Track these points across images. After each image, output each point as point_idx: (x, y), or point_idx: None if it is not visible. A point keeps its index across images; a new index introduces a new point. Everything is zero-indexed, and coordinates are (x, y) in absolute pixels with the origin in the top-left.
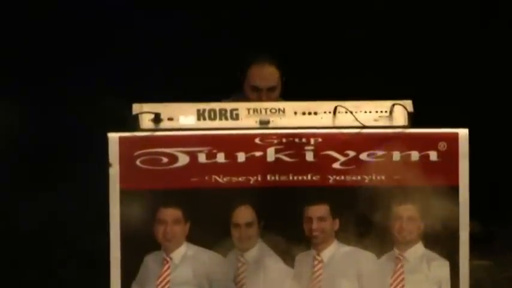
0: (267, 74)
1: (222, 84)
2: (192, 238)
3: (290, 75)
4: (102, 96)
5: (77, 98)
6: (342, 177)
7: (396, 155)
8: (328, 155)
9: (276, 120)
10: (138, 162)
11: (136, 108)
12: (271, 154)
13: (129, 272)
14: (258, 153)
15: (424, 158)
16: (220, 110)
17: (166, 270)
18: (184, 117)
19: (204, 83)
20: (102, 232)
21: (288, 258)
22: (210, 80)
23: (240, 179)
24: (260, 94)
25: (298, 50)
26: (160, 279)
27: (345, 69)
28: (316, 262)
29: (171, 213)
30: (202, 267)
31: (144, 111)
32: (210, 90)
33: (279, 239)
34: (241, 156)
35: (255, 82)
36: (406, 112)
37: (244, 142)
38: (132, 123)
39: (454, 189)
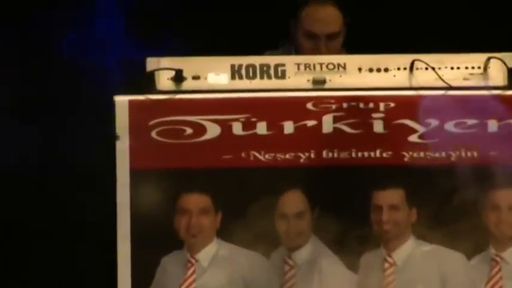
0: (327, 16)
1: (266, 32)
2: (225, 233)
3: (355, 19)
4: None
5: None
6: (421, 154)
7: (493, 125)
8: (403, 125)
9: (335, 79)
10: (154, 134)
11: (151, 63)
12: (328, 123)
13: (142, 277)
14: (310, 123)
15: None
16: (261, 66)
17: (190, 276)
18: (214, 75)
19: (241, 30)
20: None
21: (351, 260)
22: (249, 26)
23: (287, 156)
24: (317, 43)
25: None
26: (183, 287)
27: (424, 12)
28: (387, 265)
29: (197, 201)
30: (238, 272)
31: (162, 68)
32: (249, 39)
33: (338, 235)
34: (288, 127)
35: (310, 27)
36: (505, 68)
37: (293, 108)
38: (147, 84)
39: None
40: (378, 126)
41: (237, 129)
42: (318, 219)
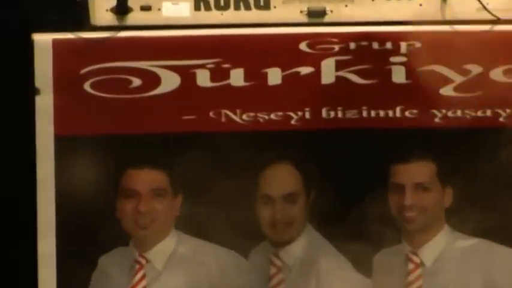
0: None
1: None
2: (187, 224)
3: None
4: None
5: None
6: (459, 113)
7: None
8: (434, 73)
9: (339, 10)
10: (87, 87)
11: None
12: (329, 71)
13: (72, 284)
14: (305, 70)
15: None
16: None
17: (139, 282)
18: (171, 4)
19: None
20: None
21: (361, 260)
22: None
23: (272, 116)
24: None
25: None
26: None
27: None
28: (411, 266)
29: (147, 179)
30: (204, 276)
31: None
32: None
33: (343, 225)
34: (274, 76)
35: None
36: None
37: (281, 50)
38: (78, 17)
39: None
40: (399, 75)
41: (203, 79)
42: (316, 203)
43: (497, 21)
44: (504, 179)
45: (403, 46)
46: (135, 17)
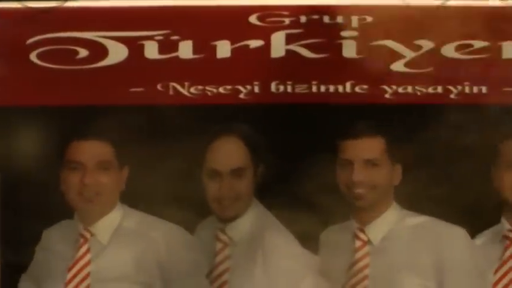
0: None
1: None
2: (133, 197)
3: None
4: None
5: None
6: (409, 89)
7: (509, 49)
8: (384, 48)
9: None
10: (33, 58)
11: None
12: (279, 44)
13: (15, 258)
14: (254, 43)
15: None
16: None
17: (83, 256)
18: None
19: None
20: None
21: (308, 236)
22: None
23: (220, 89)
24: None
25: None
26: (73, 271)
27: None
28: (359, 243)
29: (93, 151)
30: (150, 251)
31: None
32: None
33: (290, 200)
34: (223, 49)
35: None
36: None
37: (230, 22)
38: None
39: None
40: (349, 49)
41: (151, 51)
42: (264, 178)
43: None
44: (454, 157)
45: (355, 20)
46: None
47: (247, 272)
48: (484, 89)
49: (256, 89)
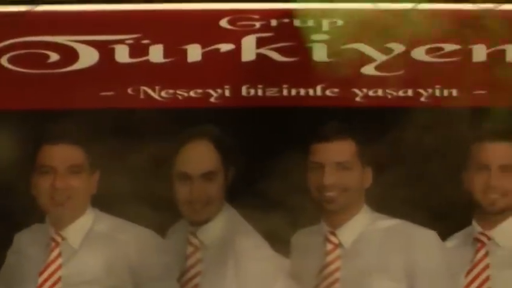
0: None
1: None
2: (104, 201)
3: None
4: None
5: None
6: (380, 92)
7: (479, 52)
8: (355, 51)
9: None
10: (4, 62)
11: None
12: (249, 48)
13: None
14: (225, 47)
15: None
16: None
17: (55, 260)
18: None
19: None
20: None
21: (279, 240)
22: None
23: (191, 93)
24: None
25: None
26: (44, 275)
27: None
28: (330, 247)
29: (64, 155)
30: (121, 255)
31: None
32: None
33: (261, 204)
34: (194, 52)
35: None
36: None
37: (201, 26)
38: None
39: None
40: (320, 53)
41: (122, 55)
42: (235, 182)
43: None
44: (425, 159)
45: (325, 24)
46: None
47: (219, 276)
48: (454, 92)
49: (227, 93)
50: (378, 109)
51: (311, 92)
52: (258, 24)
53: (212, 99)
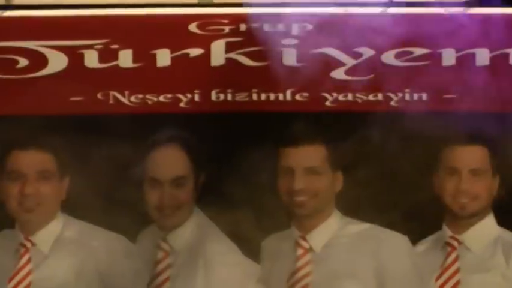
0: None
1: None
2: (74, 207)
3: None
4: None
5: None
6: (349, 96)
7: (449, 56)
8: (324, 56)
9: None
10: None
11: None
12: (219, 53)
13: None
14: (194, 52)
15: (500, 61)
16: None
17: (25, 266)
18: None
19: None
20: None
21: (249, 245)
22: None
23: (161, 98)
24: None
25: None
26: (14, 281)
27: None
28: (300, 251)
29: (33, 161)
30: (90, 260)
31: None
32: None
33: (231, 209)
34: (163, 57)
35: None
36: None
37: (170, 31)
38: None
39: None
40: (290, 57)
41: (91, 60)
42: (205, 187)
43: (390, 3)
44: (395, 164)
45: (295, 28)
46: None
47: (189, 281)
48: (424, 96)
49: (197, 98)
50: (348, 113)
51: (281, 96)
52: (227, 29)
53: (182, 104)
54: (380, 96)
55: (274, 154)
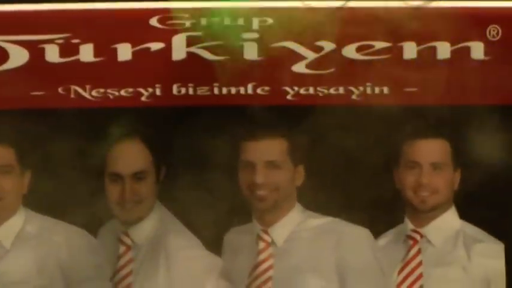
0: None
1: None
2: (35, 201)
3: None
4: None
5: None
6: (310, 90)
7: (410, 49)
8: (285, 50)
9: None
10: None
11: None
12: (180, 47)
13: None
14: (155, 46)
15: (461, 55)
16: None
17: None
18: None
19: None
20: None
21: (211, 238)
22: None
23: (122, 92)
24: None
25: None
26: None
27: None
28: (262, 245)
29: None
30: (52, 255)
31: None
32: None
33: (193, 203)
34: (124, 51)
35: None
36: None
37: (131, 25)
38: None
39: None
40: (250, 51)
41: (52, 54)
42: (166, 181)
43: None
44: (357, 157)
45: (255, 22)
46: None
47: (151, 275)
48: (385, 90)
49: (158, 92)
50: (309, 107)
51: (242, 90)
52: (188, 23)
53: (143, 98)
54: (341, 90)
55: (235, 148)
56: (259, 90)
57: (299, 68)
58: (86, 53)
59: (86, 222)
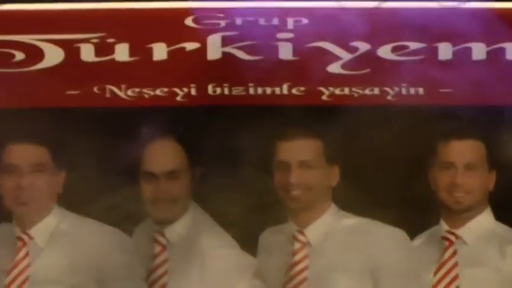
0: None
1: None
2: (70, 200)
3: None
4: None
5: None
6: (346, 91)
7: (445, 50)
8: (321, 50)
9: None
10: None
11: None
12: (215, 47)
13: None
14: (191, 46)
15: (496, 56)
16: None
17: (23, 259)
18: None
19: None
20: None
21: (246, 238)
22: None
23: (157, 92)
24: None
25: None
26: (12, 274)
27: None
28: (297, 245)
29: (28, 154)
30: (86, 253)
31: None
32: None
33: (228, 203)
34: (160, 51)
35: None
36: None
37: (166, 25)
38: None
39: None
40: (286, 51)
41: (88, 53)
42: (201, 181)
43: None
44: (392, 158)
45: (290, 22)
46: None
47: (185, 275)
48: (420, 90)
49: (193, 92)
50: (344, 107)
51: (277, 90)
52: (223, 23)
53: (178, 98)
54: (376, 91)
55: (270, 148)
56: (294, 91)
57: (334, 68)
58: (122, 52)
59: (120, 222)
